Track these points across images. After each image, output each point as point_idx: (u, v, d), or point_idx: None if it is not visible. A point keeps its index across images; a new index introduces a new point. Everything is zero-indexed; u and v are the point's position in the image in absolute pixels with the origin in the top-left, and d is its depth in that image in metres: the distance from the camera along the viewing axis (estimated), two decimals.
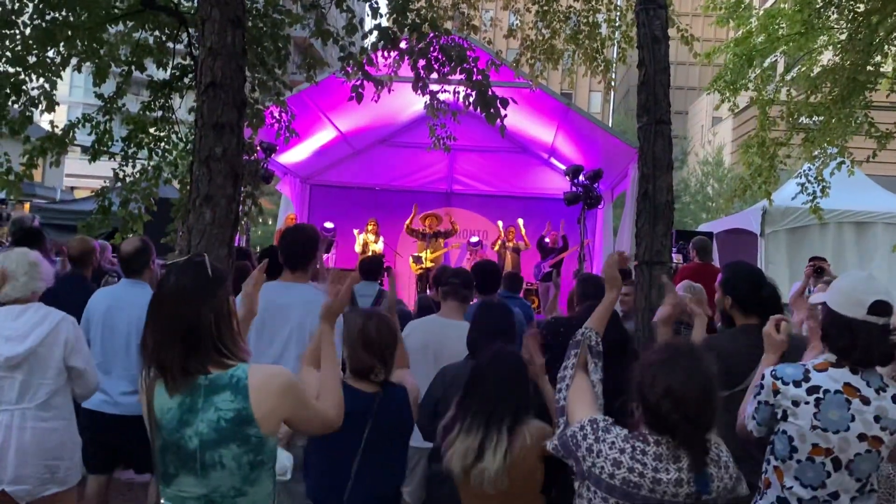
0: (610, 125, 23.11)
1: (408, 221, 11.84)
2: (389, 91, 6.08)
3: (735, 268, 3.32)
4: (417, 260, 11.69)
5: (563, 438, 2.12)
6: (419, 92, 5.26)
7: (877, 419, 2.22)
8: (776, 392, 2.33)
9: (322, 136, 11.14)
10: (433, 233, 11.83)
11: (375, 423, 2.58)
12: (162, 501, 1.98)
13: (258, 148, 7.20)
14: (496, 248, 11.88)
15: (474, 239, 12.12)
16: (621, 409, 2.14)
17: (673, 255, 8.06)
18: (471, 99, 4.88)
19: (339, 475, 2.59)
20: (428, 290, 6.86)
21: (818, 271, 4.69)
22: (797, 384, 2.30)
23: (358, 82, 4.84)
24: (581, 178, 10.35)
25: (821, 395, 2.25)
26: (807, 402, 2.26)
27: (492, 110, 4.00)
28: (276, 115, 5.79)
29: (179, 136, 5.55)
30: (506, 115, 4.21)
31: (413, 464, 3.61)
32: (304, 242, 3.40)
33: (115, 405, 3.89)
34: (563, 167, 11.72)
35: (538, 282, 11.33)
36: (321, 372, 2.32)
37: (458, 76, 4.97)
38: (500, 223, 12.11)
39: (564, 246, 11.47)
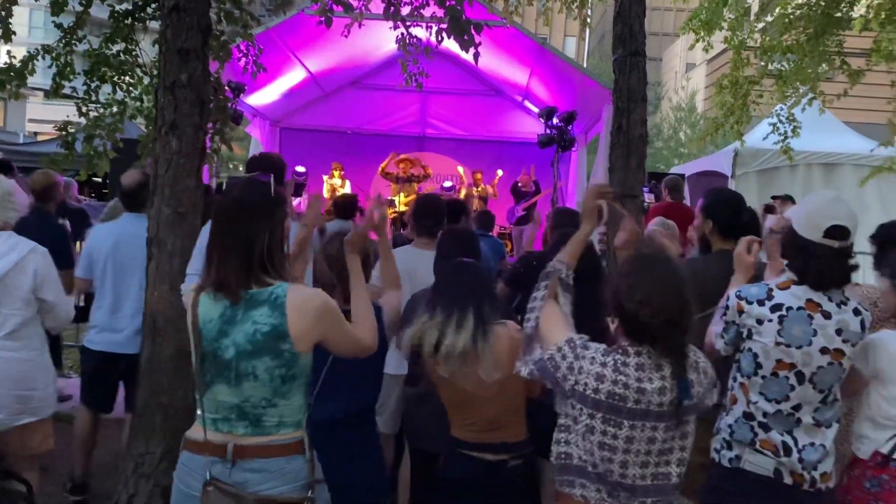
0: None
1: (383, 164, 11.74)
2: (360, 26, 5.93)
3: (717, 193, 3.40)
4: (391, 203, 11.62)
5: (540, 363, 2.11)
6: (392, 24, 5.14)
7: (838, 332, 2.28)
8: (741, 312, 2.38)
9: (292, 78, 10.90)
10: (407, 177, 11.75)
11: None
12: (198, 412, 2.08)
13: (227, 87, 7.02)
14: (461, 194, 11.81)
15: (447, 183, 12.07)
16: (596, 335, 2.15)
17: (645, 194, 8.11)
18: (443, 34, 4.78)
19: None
20: (403, 231, 6.85)
21: (769, 209, 4.86)
22: (761, 303, 2.35)
23: (328, 7, 4.70)
24: (555, 119, 10.29)
25: (784, 312, 2.31)
26: (770, 320, 2.32)
27: (465, 37, 3.92)
28: (243, 49, 5.63)
29: (144, 69, 5.36)
30: (480, 44, 4.13)
31: (387, 392, 3.65)
32: (271, 168, 3.35)
33: (125, 345, 3.86)
34: (537, 110, 11.64)
35: (511, 225, 11.35)
36: (352, 300, 2.37)
37: (430, 10, 4.86)
38: (460, 169, 12.04)
39: (536, 190, 11.47)
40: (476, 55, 4.27)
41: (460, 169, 12.08)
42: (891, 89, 7.68)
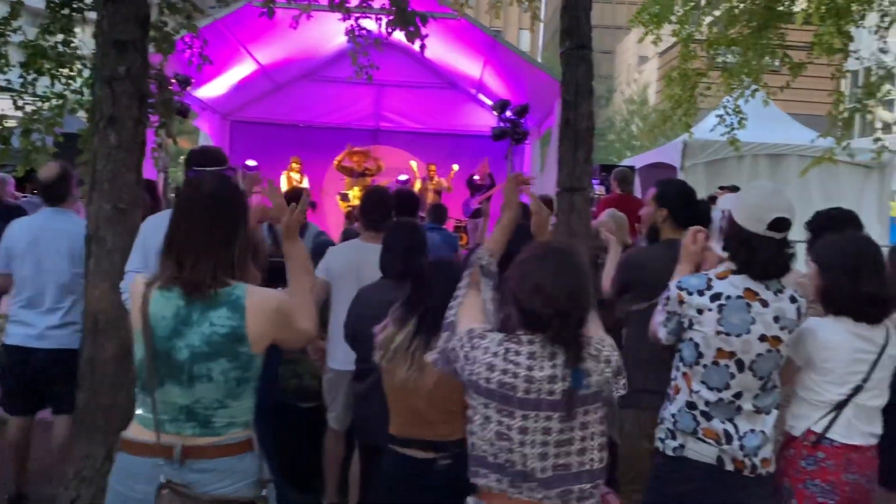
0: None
1: (339, 158, 11.64)
2: (309, 17, 5.85)
3: (671, 184, 3.49)
4: (344, 197, 11.55)
5: (444, 352, 2.11)
6: (339, 16, 5.08)
7: (776, 319, 2.34)
8: (681, 302, 2.42)
9: (241, 70, 10.70)
10: (361, 171, 11.68)
11: None
12: (138, 412, 2.03)
13: (172, 80, 6.85)
14: (416, 187, 11.80)
15: (403, 177, 12.02)
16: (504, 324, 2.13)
17: (595, 186, 8.20)
18: (392, 27, 4.74)
19: None
20: (355, 224, 6.79)
21: (713, 200, 5.01)
22: (701, 293, 2.39)
23: None
24: (508, 113, 10.33)
25: (723, 302, 2.35)
26: (710, 309, 2.36)
27: (411, 28, 3.90)
28: (188, 41, 5.50)
29: (84, 61, 5.20)
30: (427, 35, 4.11)
31: (336, 388, 3.62)
32: (211, 163, 3.29)
33: (41, 339, 3.75)
34: (490, 103, 11.66)
35: (468, 218, 11.37)
36: (290, 286, 2.28)
37: (380, 1, 4.81)
38: (413, 163, 12.01)
39: (492, 183, 11.51)
40: (423, 47, 4.25)
41: (413, 163, 12.04)
42: (831, 81, 7.89)
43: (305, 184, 11.42)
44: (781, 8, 7.04)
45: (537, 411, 1.89)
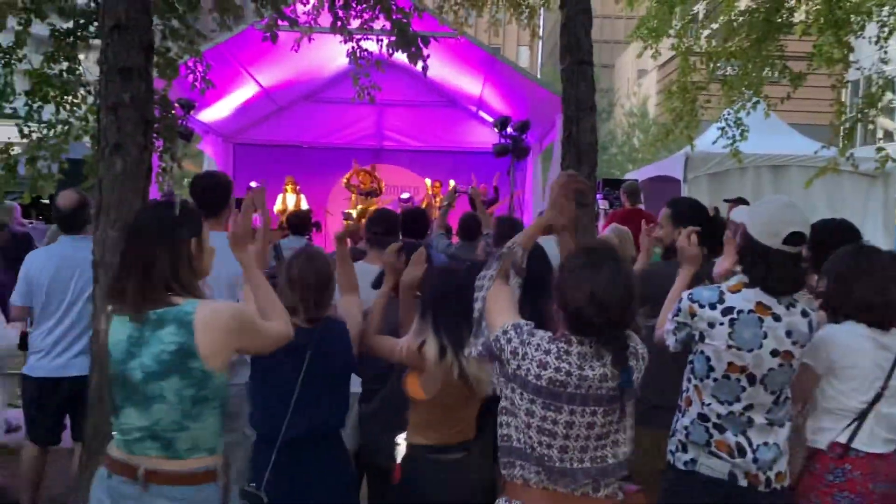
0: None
1: (347, 176, 11.71)
2: (310, 40, 5.90)
3: (686, 202, 3.48)
4: (348, 217, 11.56)
5: (487, 343, 2.11)
6: (341, 38, 5.12)
7: (788, 334, 2.32)
8: (693, 314, 2.41)
9: (244, 92, 10.77)
10: (368, 190, 11.73)
11: (313, 357, 2.59)
12: (114, 434, 2.08)
13: (175, 104, 6.90)
14: (423, 205, 11.81)
15: (405, 195, 12.03)
16: (541, 319, 2.15)
17: (599, 201, 8.19)
18: (393, 48, 4.77)
19: (279, 407, 2.61)
20: (359, 244, 6.78)
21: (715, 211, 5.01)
22: (713, 306, 2.38)
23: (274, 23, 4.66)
24: (509, 129, 10.36)
25: (735, 316, 2.33)
26: (722, 323, 2.34)
27: (413, 49, 3.92)
28: (191, 65, 5.54)
29: (88, 88, 5.24)
30: (428, 56, 4.14)
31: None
32: (216, 188, 3.31)
33: (66, 368, 3.80)
34: (491, 120, 11.70)
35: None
36: (253, 292, 2.32)
37: (381, 23, 4.85)
38: (427, 181, 12.03)
39: (495, 198, 11.50)
40: (425, 67, 4.27)
41: (427, 181, 12.04)
42: (832, 91, 7.91)
43: (304, 204, 11.45)
44: (780, 20, 7.07)
45: (584, 406, 1.94)
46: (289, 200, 11.50)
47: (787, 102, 7.75)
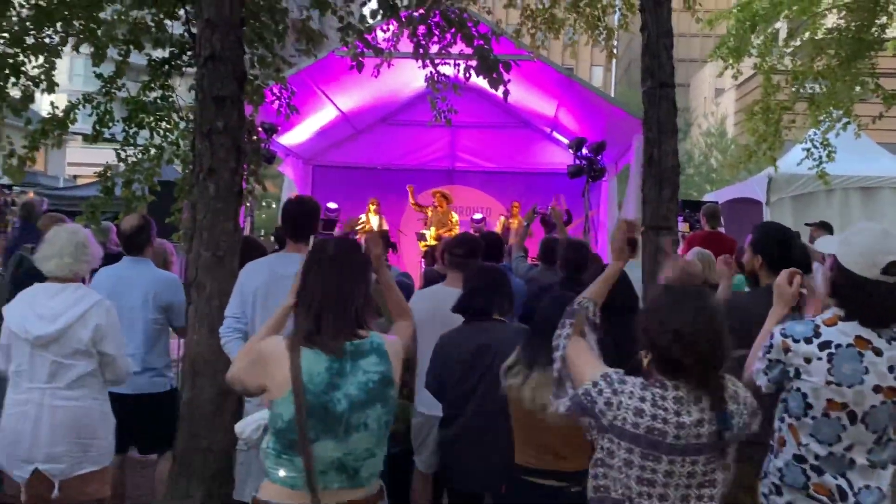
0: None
1: (411, 200, 11.86)
2: (389, 66, 6.02)
3: (766, 228, 3.38)
4: (421, 237, 11.69)
5: (576, 398, 2.07)
6: (420, 63, 5.21)
7: (891, 369, 2.21)
8: (787, 350, 2.31)
9: (323, 116, 11.07)
10: (444, 210, 11.85)
11: None
12: (280, 473, 2.02)
13: (259, 129, 7.16)
14: (499, 227, 11.80)
15: (477, 216, 12.07)
16: (630, 369, 2.11)
17: (679, 223, 8.03)
18: (472, 71, 4.83)
19: None
20: (435, 265, 6.84)
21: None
22: (808, 341, 2.28)
23: (358, 51, 4.78)
24: (584, 150, 10.27)
25: (833, 350, 2.23)
26: (819, 358, 2.24)
27: (494, 75, 3.95)
28: (276, 92, 5.74)
29: (180, 114, 5.49)
30: (509, 80, 4.16)
31: (424, 432, 3.62)
32: (305, 213, 3.40)
33: (125, 385, 3.89)
34: (566, 141, 11.63)
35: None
36: (385, 293, 2.52)
37: (458, 48, 4.92)
38: (516, 204, 11.98)
39: (568, 220, 11.40)
40: (506, 93, 4.29)
41: (516, 204, 12.00)
42: None
43: (385, 225, 11.65)
44: (872, 37, 6.81)
45: (684, 456, 1.92)
46: (372, 221, 11.72)
47: (877, 121, 7.45)
